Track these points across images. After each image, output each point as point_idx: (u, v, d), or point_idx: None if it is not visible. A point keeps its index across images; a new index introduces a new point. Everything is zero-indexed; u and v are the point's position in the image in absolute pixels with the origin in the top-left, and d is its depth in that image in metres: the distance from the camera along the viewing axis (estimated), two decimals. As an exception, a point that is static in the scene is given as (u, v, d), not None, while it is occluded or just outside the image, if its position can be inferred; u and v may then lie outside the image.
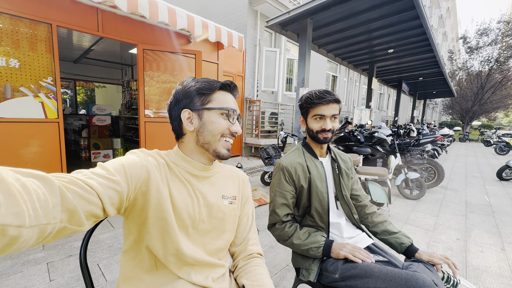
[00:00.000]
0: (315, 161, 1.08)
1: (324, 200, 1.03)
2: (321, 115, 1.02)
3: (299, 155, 1.10)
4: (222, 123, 0.66)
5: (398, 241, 1.02)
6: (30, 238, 0.33)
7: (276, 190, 1.06)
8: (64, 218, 0.38)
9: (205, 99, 0.66)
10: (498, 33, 16.49)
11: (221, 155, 0.67)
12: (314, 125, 1.04)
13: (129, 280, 0.64)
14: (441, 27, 26.78)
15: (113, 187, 0.49)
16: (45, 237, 0.36)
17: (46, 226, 0.35)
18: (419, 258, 0.94)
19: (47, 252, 1.86)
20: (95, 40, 4.93)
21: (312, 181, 1.04)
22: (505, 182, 4.72)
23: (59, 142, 2.87)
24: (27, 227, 0.31)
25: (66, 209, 0.38)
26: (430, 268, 0.87)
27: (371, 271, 0.82)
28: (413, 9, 3.77)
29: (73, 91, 7.96)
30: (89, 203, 0.43)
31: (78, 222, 0.41)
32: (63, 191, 0.38)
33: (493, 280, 1.72)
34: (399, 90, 9.87)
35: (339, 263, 0.91)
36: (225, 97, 0.68)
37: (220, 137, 0.66)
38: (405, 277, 0.76)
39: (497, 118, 28.98)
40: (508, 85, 17.36)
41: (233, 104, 0.69)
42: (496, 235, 2.43)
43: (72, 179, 0.43)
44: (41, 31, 2.69)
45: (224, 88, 0.69)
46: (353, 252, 0.91)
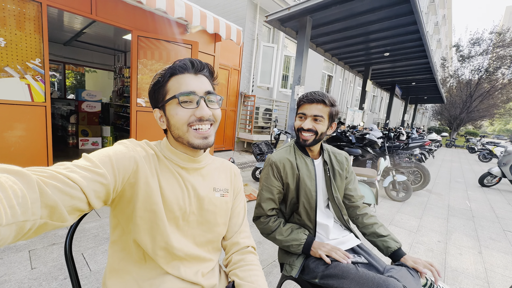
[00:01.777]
0: (305, 158, 1.08)
1: (312, 198, 1.04)
2: (302, 113, 1.02)
3: (290, 152, 1.09)
4: (181, 113, 0.59)
5: (385, 245, 1.03)
6: (8, 236, 0.32)
7: (264, 185, 1.07)
8: (44, 214, 0.37)
9: (162, 92, 0.61)
10: (489, 43, 16.93)
11: (195, 146, 0.61)
12: (296, 122, 1.06)
13: (117, 272, 0.63)
14: (436, 34, 27.27)
15: (98, 180, 0.47)
16: (25, 233, 0.35)
17: (25, 223, 0.34)
18: (404, 263, 0.94)
19: (29, 240, 1.80)
20: (87, 23, 4.75)
21: (301, 178, 1.04)
22: (486, 189, 4.91)
23: (45, 127, 2.78)
24: (4, 225, 0.30)
25: (46, 205, 0.37)
26: (413, 274, 0.88)
27: (348, 272, 0.86)
28: (411, 14, 3.81)
29: (62, 74, 7.69)
30: (72, 197, 0.41)
31: (60, 218, 0.40)
32: (41, 186, 0.37)
33: (469, 282, 1.80)
34: (392, 94, 10.03)
35: (321, 262, 0.94)
36: (180, 81, 0.60)
37: (188, 127, 0.60)
38: (378, 282, 0.79)
39: (482, 126, 30.00)
40: (495, 95, 17.94)
41: (192, 85, 0.60)
42: (474, 238, 2.54)
43: (52, 173, 0.41)
44: (30, 10, 2.57)
45: (176, 71, 0.60)
46: (330, 252, 0.93)
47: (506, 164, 4.65)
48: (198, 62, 0.62)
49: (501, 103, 19.30)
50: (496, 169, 4.82)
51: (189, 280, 0.64)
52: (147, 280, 0.61)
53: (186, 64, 0.61)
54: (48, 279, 1.44)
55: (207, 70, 0.65)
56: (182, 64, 0.60)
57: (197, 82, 0.61)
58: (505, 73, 16.87)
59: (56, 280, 1.44)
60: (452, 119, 19.62)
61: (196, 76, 0.62)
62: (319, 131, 1.01)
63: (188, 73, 0.61)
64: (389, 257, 1.03)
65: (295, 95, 4.07)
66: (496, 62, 16.58)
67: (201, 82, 0.62)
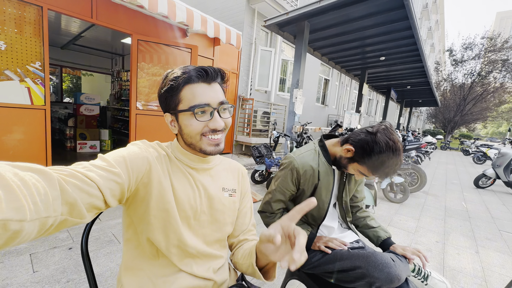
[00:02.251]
0: (328, 168, 1.02)
1: (324, 209, 1.04)
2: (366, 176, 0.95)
3: (314, 158, 1.02)
4: (195, 125, 0.60)
5: (376, 235, 1.08)
6: (32, 231, 0.34)
7: (278, 185, 1.04)
8: (64, 211, 0.38)
9: (175, 100, 0.61)
10: (481, 48, 17.31)
11: (207, 153, 0.63)
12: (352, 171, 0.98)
13: (131, 270, 0.64)
14: (429, 39, 27.80)
15: (113, 179, 0.49)
16: (47, 229, 0.37)
17: (47, 219, 0.35)
18: (393, 251, 0.99)
19: (31, 243, 1.79)
20: (86, 26, 4.76)
21: (318, 188, 1.01)
22: (481, 190, 5.00)
23: (44, 130, 2.77)
24: (28, 221, 0.32)
25: (66, 202, 0.39)
26: (401, 259, 0.93)
27: (340, 255, 0.93)
28: (406, 19, 3.91)
29: (59, 78, 7.64)
30: (90, 195, 0.43)
31: (79, 215, 0.41)
32: (62, 184, 0.38)
33: (468, 280, 1.84)
34: (387, 97, 10.17)
35: (318, 254, 1.00)
36: (194, 91, 0.59)
37: (201, 136, 0.61)
38: (366, 255, 0.87)
39: (476, 129, 30.51)
40: (487, 98, 18.29)
41: (205, 96, 0.60)
42: (471, 238, 2.58)
43: (72, 172, 0.43)
44: (30, 13, 2.58)
45: (191, 80, 0.59)
46: (327, 243, 0.99)
47: (500, 165, 4.74)
48: (212, 71, 0.61)
49: (494, 106, 19.67)
50: (490, 171, 4.90)
51: (201, 276, 0.65)
52: (161, 277, 0.63)
53: (201, 73, 0.59)
54: (50, 282, 1.44)
55: (220, 78, 0.64)
56: (197, 73, 0.59)
57: (211, 93, 0.61)
58: (497, 77, 17.24)
59: (59, 283, 1.43)
60: (446, 122, 19.92)
61: (210, 85, 0.61)
62: None
63: (203, 83, 0.60)
64: (379, 247, 1.08)
65: (293, 98, 4.12)
66: (488, 66, 16.94)
67: (214, 93, 0.61)
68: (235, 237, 0.78)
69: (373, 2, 3.44)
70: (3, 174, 0.30)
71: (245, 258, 0.66)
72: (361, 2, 3.41)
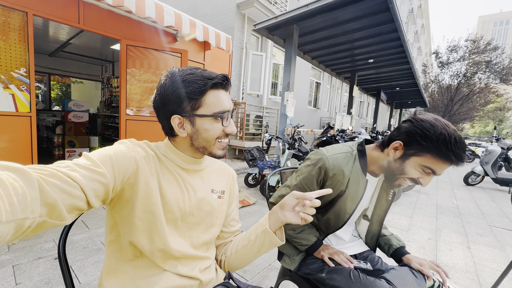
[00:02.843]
0: (361, 177, 0.88)
1: (343, 220, 0.93)
2: (434, 171, 0.75)
3: (348, 162, 0.89)
4: (216, 129, 0.61)
5: (387, 243, 0.99)
6: (7, 233, 0.32)
7: (300, 182, 0.92)
8: (43, 212, 0.37)
9: (195, 103, 0.59)
10: (465, 50, 17.93)
11: (217, 156, 0.66)
12: (417, 174, 0.77)
13: (113, 272, 0.62)
14: (416, 42, 28.62)
15: (98, 179, 0.47)
16: (23, 231, 0.35)
17: (24, 220, 0.33)
18: (407, 264, 0.90)
19: (13, 254, 1.72)
20: (74, 33, 4.71)
21: (343, 197, 0.89)
22: (471, 187, 5.10)
23: (30, 138, 2.69)
24: (4, 222, 0.30)
25: (45, 203, 0.37)
26: (416, 274, 0.84)
27: (341, 271, 0.85)
28: (391, 22, 4.01)
29: (47, 85, 7.50)
30: (71, 196, 0.41)
31: (59, 216, 0.39)
32: (42, 184, 0.37)
33: (460, 275, 1.85)
34: (378, 99, 10.37)
35: (318, 260, 0.94)
36: (218, 97, 0.61)
37: (215, 140, 0.63)
38: (365, 283, 0.78)
39: (464, 129, 31.32)
40: (473, 99, 18.87)
41: (227, 103, 0.62)
42: (462, 234, 2.62)
43: (53, 171, 0.41)
44: (15, 19, 2.53)
45: (216, 86, 0.60)
46: (333, 255, 0.91)
47: (487, 163, 4.86)
48: (228, 79, 0.63)
49: (480, 106, 20.28)
50: (479, 168, 5.02)
51: (186, 275, 0.63)
52: (144, 278, 0.60)
53: (224, 79, 0.61)
54: (34, 294, 1.37)
55: (230, 85, 0.65)
56: (221, 80, 0.60)
57: (228, 100, 0.63)
58: (481, 77, 17.84)
59: (43, 295, 1.37)
60: (435, 123, 20.36)
61: (226, 92, 0.64)
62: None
63: (223, 90, 0.62)
64: (391, 257, 0.99)
65: (285, 101, 4.15)
66: (472, 68, 17.54)
67: (229, 99, 0.64)
68: (225, 238, 0.78)
69: (360, 6, 3.53)
70: None
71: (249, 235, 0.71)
72: (348, 6, 3.49)
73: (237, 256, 0.72)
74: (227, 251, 0.75)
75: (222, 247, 0.78)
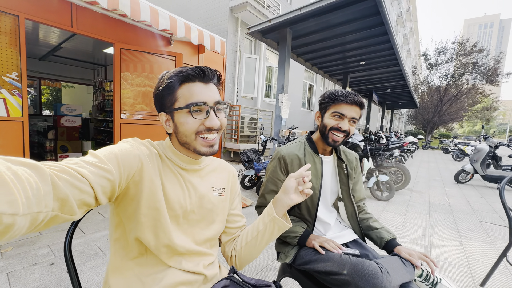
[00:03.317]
0: (314, 157, 1.07)
1: (316, 196, 1.04)
2: (340, 113, 0.97)
3: (300, 148, 1.08)
4: (191, 123, 0.60)
5: (379, 236, 1.05)
6: (23, 226, 0.33)
7: (269, 176, 1.08)
8: (56, 206, 0.38)
9: (171, 99, 0.61)
10: (453, 52, 18.45)
11: (201, 153, 0.63)
12: (331, 121, 0.99)
13: (118, 270, 0.62)
14: (405, 45, 29.30)
15: (105, 175, 0.48)
16: (37, 225, 0.36)
17: (38, 214, 0.35)
18: (397, 254, 0.95)
19: (7, 261, 1.69)
20: (66, 36, 4.66)
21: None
22: (461, 185, 5.23)
23: (22, 142, 2.65)
24: (21, 215, 0.31)
25: (57, 197, 0.38)
26: (405, 263, 0.90)
27: (331, 257, 0.90)
28: (381, 25, 4.12)
29: (37, 90, 7.36)
30: (81, 191, 0.43)
31: (70, 211, 0.41)
32: (54, 179, 0.38)
33: (453, 270, 1.90)
34: (370, 100, 10.55)
35: (310, 250, 0.99)
36: (191, 89, 0.60)
37: (196, 135, 0.61)
38: (354, 263, 0.84)
39: (453, 128, 32.12)
40: (462, 99, 19.39)
41: (202, 95, 0.60)
42: (455, 230, 2.69)
43: (63, 167, 0.42)
44: (6, 23, 2.50)
45: (188, 79, 0.60)
46: (323, 243, 0.96)
47: (476, 161, 5.00)
48: (209, 71, 0.61)
49: (468, 106, 20.85)
50: (468, 166, 5.16)
51: (191, 271, 0.65)
52: (149, 275, 0.61)
53: (198, 72, 0.59)
54: (30, 300, 1.35)
55: (217, 79, 0.64)
56: (194, 72, 0.59)
57: (208, 92, 0.61)
58: (468, 78, 18.36)
59: (40, 301, 1.35)
60: (426, 123, 20.84)
61: (207, 85, 0.62)
62: (350, 133, 1.00)
63: (199, 82, 0.61)
64: (383, 249, 1.03)
65: (279, 103, 4.19)
66: (460, 69, 18.04)
67: (211, 92, 0.62)
68: (231, 234, 0.79)
69: (351, 9, 3.61)
70: None
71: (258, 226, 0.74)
72: (340, 9, 3.57)
73: (248, 248, 0.74)
74: (236, 246, 0.76)
75: (231, 243, 0.78)
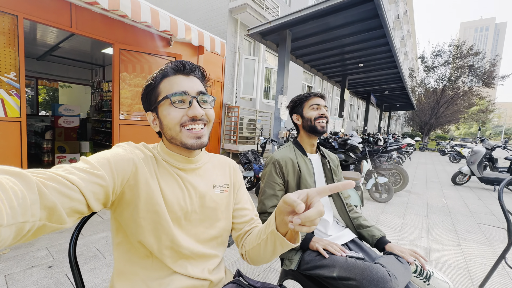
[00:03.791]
0: (304, 158, 1.16)
1: None
2: (316, 103, 1.14)
3: (290, 151, 1.17)
4: (173, 113, 0.59)
5: (370, 234, 1.11)
6: (8, 237, 0.32)
7: (266, 181, 1.12)
8: (43, 215, 0.37)
9: (154, 95, 0.62)
10: (449, 55, 18.63)
11: (188, 146, 0.61)
12: (312, 113, 1.14)
13: (124, 274, 0.62)
14: (402, 47, 29.54)
15: (97, 181, 0.47)
16: (24, 235, 0.35)
17: (24, 224, 0.34)
18: (391, 252, 1.00)
19: (5, 263, 1.66)
20: (64, 36, 4.63)
21: (302, 175, 1.10)
22: (459, 187, 5.27)
23: (20, 143, 2.62)
24: (5, 226, 0.30)
25: (45, 206, 0.37)
26: (401, 261, 0.93)
27: (337, 261, 0.91)
28: (380, 28, 4.15)
29: (34, 90, 7.31)
30: (71, 199, 0.42)
31: (58, 220, 0.40)
32: (41, 187, 0.37)
33: (452, 271, 1.91)
34: (368, 102, 10.61)
35: (314, 254, 0.99)
36: (172, 82, 0.60)
37: (180, 127, 0.60)
38: (363, 267, 0.84)
39: (450, 130, 32.39)
40: (458, 101, 19.56)
41: (183, 85, 0.60)
42: (453, 232, 2.71)
43: (51, 175, 0.41)
44: (5, 23, 2.48)
45: (168, 73, 0.61)
46: (327, 246, 0.98)
47: (473, 163, 5.04)
48: (190, 64, 0.62)
49: (464, 108, 21.04)
50: (465, 168, 5.20)
51: (197, 277, 0.64)
52: (155, 280, 0.61)
53: (178, 65, 0.61)
54: (29, 303, 1.33)
55: (198, 72, 0.65)
56: (174, 65, 0.61)
57: (189, 83, 0.61)
58: (465, 81, 18.54)
59: (39, 304, 1.33)
60: (423, 125, 20.99)
61: (188, 77, 0.62)
62: (329, 120, 1.16)
63: (180, 75, 0.61)
64: (375, 247, 1.09)
65: (279, 104, 4.20)
66: (456, 72, 18.21)
67: (193, 83, 0.62)
68: (240, 229, 0.74)
69: (350, 12, 3.63)
70: None
71: (261, 233, 0.63)
72: (339, 12, 3.59)
73: (253, 254, 0.68)
74: (246, 245, 0.71)
75: (241, 240, 0.74)
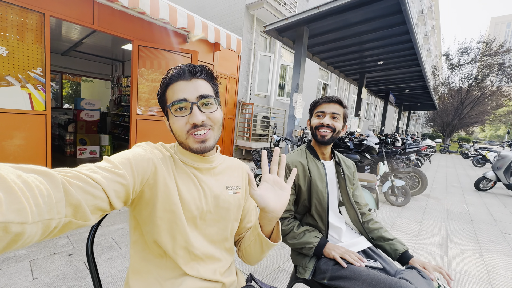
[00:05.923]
0: (316, 162, 1.12)
1: (324, 200, 1.05)
2: (321, 111, 1.09)
3: (302, 155, 1.13)
4: (177, 122, 0.61)
5: (393, 247, 1.04)
6: (35, 234, 0.33)
7: None
8: (68, 213, 0.38)
9: (164, 102, 0.64)
10: (477, 52, 17.54)
11: (194, 151, 0.63)
12: (315, 121, 1.11)
13: (138, 272, 0.63)
14: (425, 44, 28.15)
15: (118, 180, 0.49)
16: (51, 232, 0.36)
17: (50, 221, 0.35)
18: (413, 266, 0.94)
19: (30, 249, 1.77)
20: (87, 33, 4.80)
21: (313, 181, 1.07)
22: (482, 193, 4.99)
23: (45, 135, 2.76)
24: (30, 223, 0.31)
25: (70, 203, 0.38)
26: (424, 275, 0.87)
27: (359, 274, 0.84)
28: (403, 24, 3.96)
29: (58, 84, 7.67)
30: (94, 197, 0.43)
31: (83, 217, 0.41)
32: (66, 186, 0.38)
33: (473, 283, 1.82)
34: (386, 101, 10.24)
35: (331, 263, 0.94)
36: (174, 90, 0.61)
37: (187, 134, 0.61)
38: (390, 283, 0.78)
39: (474, 132, 30.68)
40: (485, 102, 18.45)
41: (183, 92, 0.60)
42: (474, 241, 2.57)
43: (76, 173, 0.43)
44: (32, 20, 2.60)
45: (171, 81, 0.61)
46: (344, 254, 0.92)
47: (500, 168, 4.75)
48: (191, 67, 0.61)
49: (491, 109, 19.83)
50: (491, 173, 4.91)
51: (209, 279, 0.65)
52: (168, 279, 0.62)
53: (178, 72, 0.61)
54: (50, 289, 1.41)
55: (203, 73, 0.63)
56: (174, 72, 0.61)
57: (190, 88, 0.60)
58: (493, 80, 17.42)
59: (59, 290, 1.41)
60: (445, 126, 20.02)
61: (190, 81, 0.61)
62: (336, 128, 1.07)
63: (182, 80, 0.61)
64: (397, 261, 1.03)
65: (293, 102, 4.14)
66: (484, 70, 17.13)
67: (193, 88, 0.61)
68: (239, 234, 0.79)
69: (371, 8, 3.49)
70: (5, 176, 0.30)
71: (250, 235, 0.71)
72: (359, 8, 3.46)
73: (246, 254, 0.74)
74: (241, 247, 0.77)
75: (238, 242, 0.79)
